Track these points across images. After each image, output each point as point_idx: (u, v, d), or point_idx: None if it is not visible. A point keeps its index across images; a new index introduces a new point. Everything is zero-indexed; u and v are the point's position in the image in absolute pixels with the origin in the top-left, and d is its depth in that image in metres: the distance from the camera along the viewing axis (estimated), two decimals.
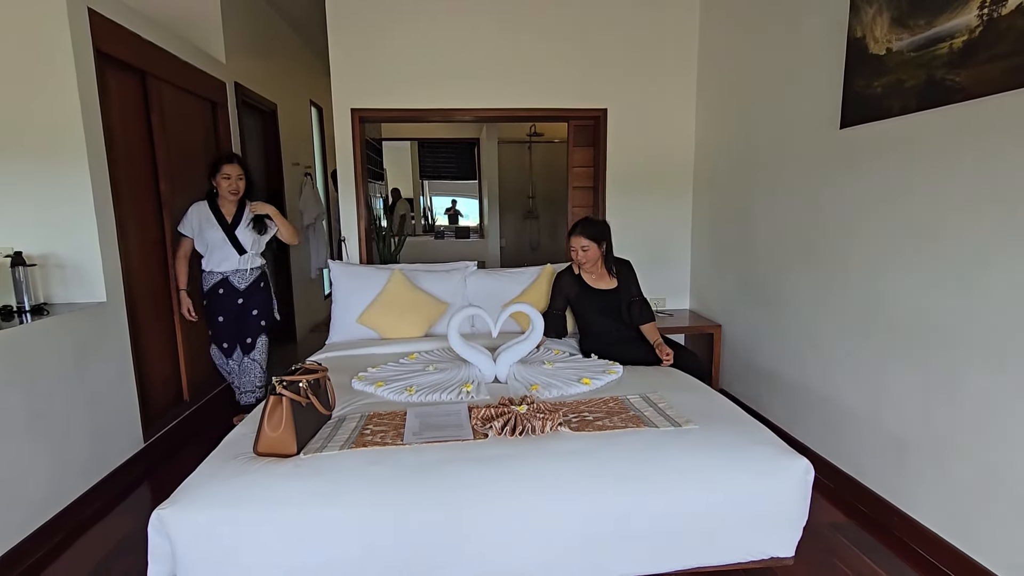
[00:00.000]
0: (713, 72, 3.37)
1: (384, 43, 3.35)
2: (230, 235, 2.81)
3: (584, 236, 2.56)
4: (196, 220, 2.81)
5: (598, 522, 1.52)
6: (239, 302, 2.88)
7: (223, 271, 2.85)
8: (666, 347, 2.49)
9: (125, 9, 2.58)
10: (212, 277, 2.86)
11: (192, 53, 3.20)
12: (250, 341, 2.93)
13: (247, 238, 2.86)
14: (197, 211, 2.82)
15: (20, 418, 1.93)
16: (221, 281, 2.86)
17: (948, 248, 1.80)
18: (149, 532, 1.43)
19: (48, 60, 2.18)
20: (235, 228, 2.84)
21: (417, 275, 3.05)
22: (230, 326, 2.91)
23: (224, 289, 2.86)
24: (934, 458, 1.90)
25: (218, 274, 2.85)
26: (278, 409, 1.59)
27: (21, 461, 1.93)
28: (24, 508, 1.95)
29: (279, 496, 1.45)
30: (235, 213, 2.85)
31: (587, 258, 2.58)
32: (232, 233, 2.82)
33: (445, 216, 7.66)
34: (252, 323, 2.92)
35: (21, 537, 1.93)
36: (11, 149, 2.22)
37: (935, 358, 1.88)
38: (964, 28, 1.68)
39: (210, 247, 2.83)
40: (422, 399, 2.03)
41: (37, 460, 2.01)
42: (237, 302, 2.88)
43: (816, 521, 2.11)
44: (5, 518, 1.87)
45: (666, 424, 1.76)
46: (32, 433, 1.99)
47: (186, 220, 2.82)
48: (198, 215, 2.81)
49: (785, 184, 2.66)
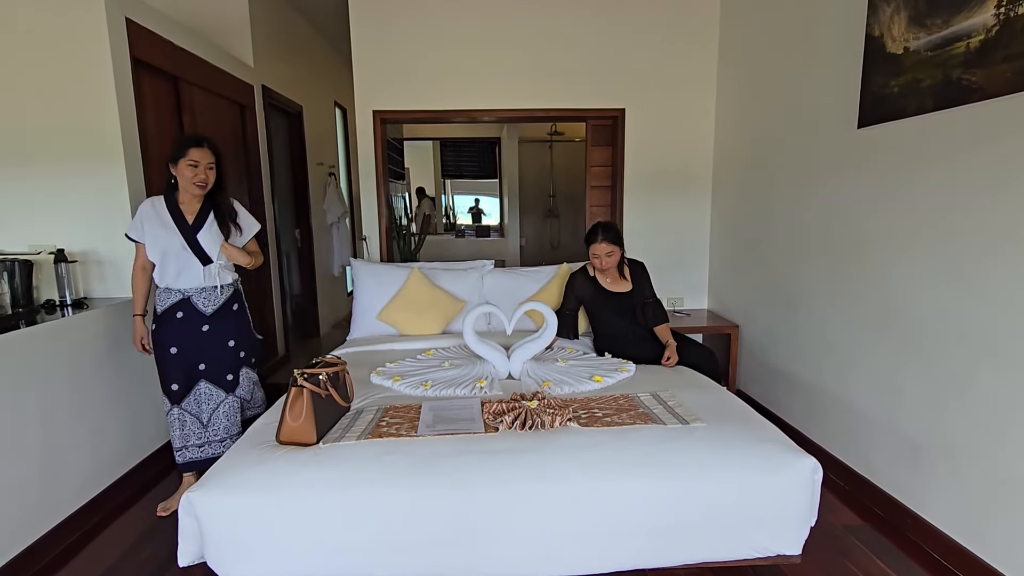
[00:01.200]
0: (732, 71, 3.36)
1: (406, 46, 3.43)
2: (190, 240, 2.17)
3: (607, 241, 2.56)
4: (147, 220, 2.16)
5: (604, 514, 1.56)
6: (203, 329, 2.22)
7: (183, 288, 2.20)
8: (673, 352, 2.49)
9: (160, 18, 2.70)
10: (169, 296, 2.19)
11: (222, 58, 3.32)
12: (231, 378, 2.30)
13: (213, 244, 2.20)
14: (149, 209, 2.17)
15: (64, 403, 2.07)
16: (181, 302, 2.19)
17: (964, 250, 1.79)
18: (179, 513, 1.53)
19: (89, 68, 2.31)
20: (197, 231, 2.18)
21: (435, 273, 3.12)
22: (184, 360, 2.20)
23: (184, 312, 2.19)
24: (947, 460, 1.88)
25: (176, 292, 2.19)
26: (299, 400, 1.67)
27: (64, 445, 2.06)
28: (68, 488, 2.08)
29: (299, 482, 1.53)
30: (198, 212, 2.21)
31: (610, 263, 2.59)
32: (193, 237, 2.17)
33: (468, 215, 7.74)
34: (229, 357, 2.29)
35: (66, 515, 2.07)
36: (55, 152, 2.36)
37: (949, 360, 1.86)
38: (981, 27, 1.66)
39: (165, 256, 2.16)
40: (437, 393, 2.09)
41: (79, 444, 2.14)
42: (201, 329, 2.21)
43: (829, 522, 2.11)
44: (53, 496, 2.02)
45: (674, 421, 1.79)
46: (76, 418, 2.12)
47: (135, 220, 2.18)
48: (150, 214, 2.16)
49: (803, 184, 2.65)
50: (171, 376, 2.21)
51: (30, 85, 2.30)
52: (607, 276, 2.68)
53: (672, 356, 2.47)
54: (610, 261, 2.59)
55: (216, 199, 2.24)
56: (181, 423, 2.24)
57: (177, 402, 2.22)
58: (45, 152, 2.36)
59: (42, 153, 2.36)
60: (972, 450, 1.79)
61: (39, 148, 2.36)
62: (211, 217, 2.22)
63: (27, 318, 2.08)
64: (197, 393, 2.25)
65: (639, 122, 3.56)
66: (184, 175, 2.13)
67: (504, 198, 6.94)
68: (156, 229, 2.15)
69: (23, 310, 2.14)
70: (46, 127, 2.34)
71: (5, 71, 2.29)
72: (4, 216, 2.37)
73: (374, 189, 3.59)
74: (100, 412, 2.26)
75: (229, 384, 2.31)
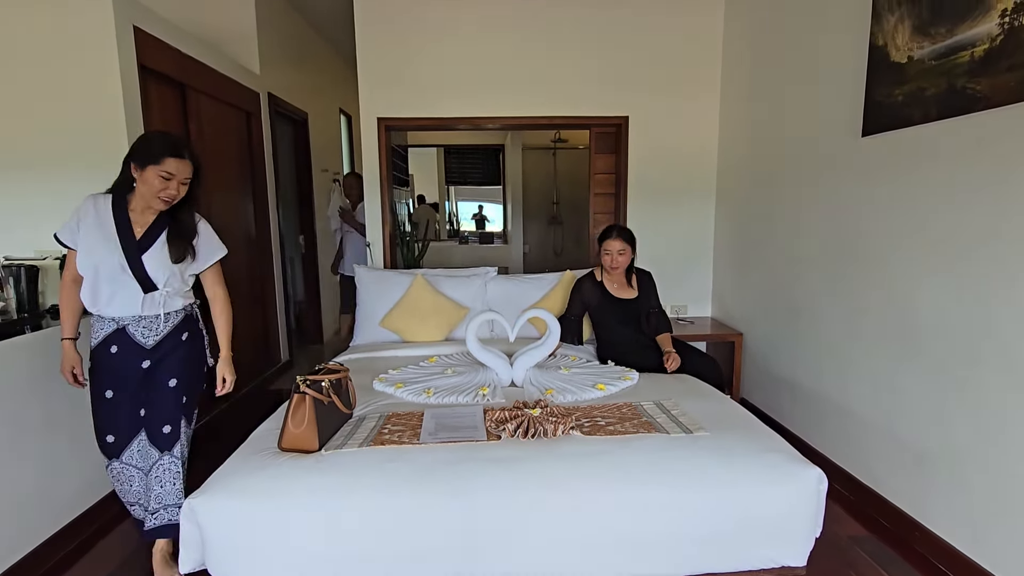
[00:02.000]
0: (736, 79, 3.37)
1: (410, 54, 3.45)
2: (133, 260, 1.71)
3: (622, 239, 2.59)
4: (85, 223, 1.72)
5: (606, 524, 1.55)
6: (143, 366, 1.78)
7: (116, 316, 1.75)
8: (674, 358, 2.49)
9: (167, 26, 2.73)
10: (101, 325, 1.77)
11: (228, 65, 3.35)
12: (168, 431, 1.79)
13: (160, 267, 1.75)
14: (91, 209, 1.73)
15: (64, 409, 2.06)
16: (115, 333, 1.76)
17: (967, 257, 1.78)
18: (181, 520, 1.53)
19: (96, 75, 2.34)
20: (144, 250, 1.74)
21: (439, 280, 3.12)
22: (123, 406, 1.79)
23: (119, 346, 1.76)
24: (952, 470, 1.87)
25: (109, 321, 1.76)
26: (301, 407, 1.67)
27: (64, 452, 2.06)
28: (67, 496, 2.08)
29: (301, 489, 1.52)
30: (150, 226, 1.76)
31: (622, 262, 2.60)
32: (138, 257, 1.72)
33: (472, 221, 7.76)
34: (166, 400, 1.80)
35: (65, 523, 2.06)
36: (62, 158, 2.38)
37: (953, 369, 1.85)
38: (985, 36, 1.66)
39: (98, 274, 1.71)
40: (439, 401, 2.09)
41: (80, 451, 2.14)
42: (140, 366, 1.77)
43: (835, 533, 2.09)
44: (52, 504, 2.02)
45: (678, 430, 1.78)
46: (77, 424, 2.12)
47: (71, 220, 1.73)
48: (91, 216, 1.72)
49: (807, 192, 2.65)
50: (106, 425, 1.80)
51: (38, 91, 2.33)
52: (614, 281, 2.68)
53: (674, 361, 2.46)
54: (622, 260, 2.59)
55: (177, 215, 1.80)
56: (126, 479, 1.83)
57: (115, 455, 1.81)
58: (52, 158, 2.38)
59: (49, 159, 2.38)
60: (976, 459, 1.77)
61: (46, 154, 2.38)
62: (164, 235, 1.76)
63: (32, 323, 2.08)
64: (140, 444, 1.81)
65: (643, 130, 3.57)
66: (150, 184, 1.70)
67: (508, 205, 6.95)
68: (93, 237, 1.69)
69: (28, 315, 2.15)
70: (53, 133, 2.37)
71: (14, 77, 2.31)
72: (10, 221, 2.39)
73: (378, 196, 3.61)
74: None
75: (164, 439, 1.79)
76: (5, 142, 2.37)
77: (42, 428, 1.97)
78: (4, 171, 2.38)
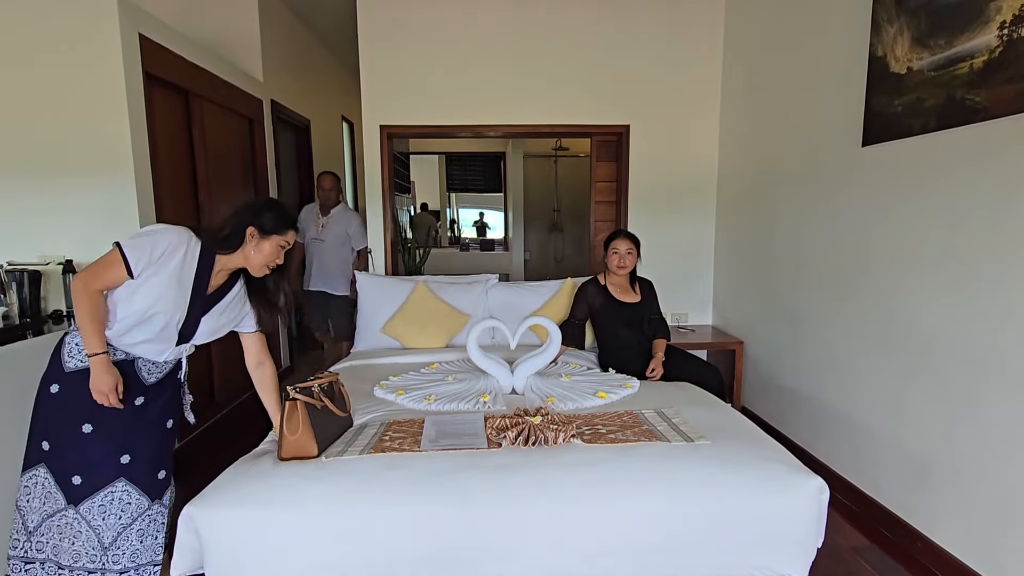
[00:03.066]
0: (736, 89, 3.39)
1: (413, 62, 3.47)
2: (191, 319, 1.60)
3: (629, 240, 2.64)
4: (168, 261, 1.51)
5: (607, 532, 1.54)
6: (135, 403, 1.60)
7: (132, 353, 1.60)
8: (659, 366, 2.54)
9: (172, 33, 2.75)
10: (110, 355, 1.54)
11: (232, 73, 3.37)
12: (163, 476, 1.66)
13: (213, 330, 1.67)
14: (181, 250, 1.53)
15: None
16: (119, 363, 1.58)
17: (968, 267, 1.78)
18: (178, 527, 1.52)
19: (101, 81, 2.35)
20: (207, 310, 1.63)
21: (440, 287, 3.12)
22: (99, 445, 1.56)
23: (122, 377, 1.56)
24: (955, 481, 1.86)
25: (120, 351, 1.59)
26: (295, 413, 1.66)
27: None
28: None
29: (301, 497, 1.52)
30: (220, 287, 1.65)
31: (628, 263, 2.63)
32: (198, 318, 1.61)
33: (473, 228, 7.78)
34: (162, 441, 1.68)
35: None
36: (66, 163, 2.39)
37: (955, 378, 1.85)
38: (984, 48, 1.67)
39: (145, 320, 1.53)
40: (440, 408, 2.08)
41: None
42: (132, 402, 1.60)
43: (836, 543, 2.08)
44: None
45: (679, 439, 1.77)
46: None
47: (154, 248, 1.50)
48: (178, 257, 1.53)
49: (808, 201, 2.66)
50: (72, 466, 1.54)
51: (43, 97, 2.35)
52: (618, 286, 2.70)
53: (657, 368, 2.50)
54: (629, 260, 2.62)
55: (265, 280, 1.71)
56: (70, 535, 1.54)
57: (75, 503, 1.55)
58: (56, 163, 2.39)
59: (53, 164, 2.39)
60: (981, 470, 1.77)
61: (50, 159, 2.39)
62: (232, 295, 1.67)
63: (34, 328, 2.09)
64: (109, 496, 1.56)
65: (644, 138, 3.59)
66: (265, 254, 1.61)
67: (509, 212, 6.97)
68: (166, 283, 1.51)
69: (30, 320, 2.15)
70: (58, 139, 2.38)
71: (19, 83, 2.33)
72: (14, 226, 2.40)
73: (380, 202, 3.62)
74: None
75: (157, 486, 1.64)
76: (10, 148, 2.38)
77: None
78: (9, 176, 2.39)
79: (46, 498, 1.56)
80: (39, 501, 1.56)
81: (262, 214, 1.61)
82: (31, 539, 1.57)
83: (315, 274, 3.75)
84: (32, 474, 1.57)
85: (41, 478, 1.56)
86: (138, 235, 1.52)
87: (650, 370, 2.50)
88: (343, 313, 3.78)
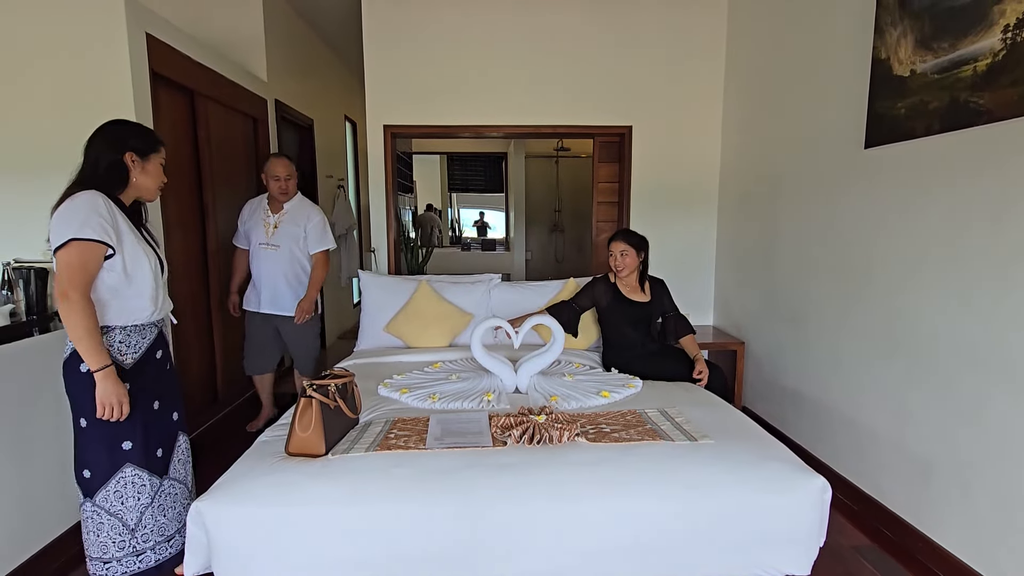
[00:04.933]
0: (739, 90, 3.40)
1: (417, 63, 3.48)
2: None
3: (624, 241, 2.64)
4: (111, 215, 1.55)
5: (611, 530, 1.55)
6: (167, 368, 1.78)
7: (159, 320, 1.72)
8: (703, 365, 2.51)
9: (178, 33, 2.76)
10: (143, 333, 1.66)
11: (237, 72, 3.38)
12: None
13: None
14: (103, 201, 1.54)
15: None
16: (158, 337, 1.72)
17: (972, 270, 1.80)
18: (187, 523, 1.53)
19: (109, 80, 2.36)
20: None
21: (443, 286, 3.13)
22: (166, 413, 1.76)
23: (162, 350, 1.74)
24: (958, 482, 1.87)
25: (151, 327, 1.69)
26: (308, 411, 1.68)
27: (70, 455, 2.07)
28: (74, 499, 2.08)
29: (308, 494, 1.53)
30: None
31: (624, 264, 2.63)
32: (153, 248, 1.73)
33: (473, 228, 7.79)
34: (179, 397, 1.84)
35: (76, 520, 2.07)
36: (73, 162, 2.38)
37: (959, 380, 1.86)
38: (988, 51, 1.69)
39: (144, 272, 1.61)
40: (444, 406, 2.09)
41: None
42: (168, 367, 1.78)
43: (838, 543, 2.09)
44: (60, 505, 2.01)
45: (682, 438, 1.78)
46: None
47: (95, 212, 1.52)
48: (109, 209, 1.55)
49: (810, 203, 2.67)
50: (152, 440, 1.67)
51: (50, 96, 2.36)
52: (627, 285, 2.71)
53: (703, 371, 2.48)
54: (624, 262, 2.63)
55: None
56: (171, 501, 1.72)
57: (164, 472, 1.72)
58: (63, 162, 2.37)
59: (60, 162, 2.37)
60: (985, 472, 1.78)
61: (57, 157, 2.37)
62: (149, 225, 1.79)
63: (40, 326, 2.10)
64: (181, 451, 1.80)
65: (646, 139, 3.60)
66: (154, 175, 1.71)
67: (510, 212, 6.99)
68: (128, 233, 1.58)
69: (37, 317, 2.16)
70: (64, 137, 2.36)
71: (26, 81, 2.34)
72: (20, 224, 2.40)
73: (383, 202, 3.63)
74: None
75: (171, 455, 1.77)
76: (16, 146, 2.39)
77: (51, 429, 1.97)
78: (15, 174, 2.40)
79: (140, 490, 1.65)
80: (133, 499, 1.64)
81: (127, 139, 1.62)
82: (135, 535, 1.66)
83: (263, 290, 2.87)
84: (119, 477, 1.62)
85: (128, 475, 1.63)
86: (71, 217, 1.48)
87: (697, 372, 2.48)
88: (303, 338, 2.96)
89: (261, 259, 2.87)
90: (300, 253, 2.89)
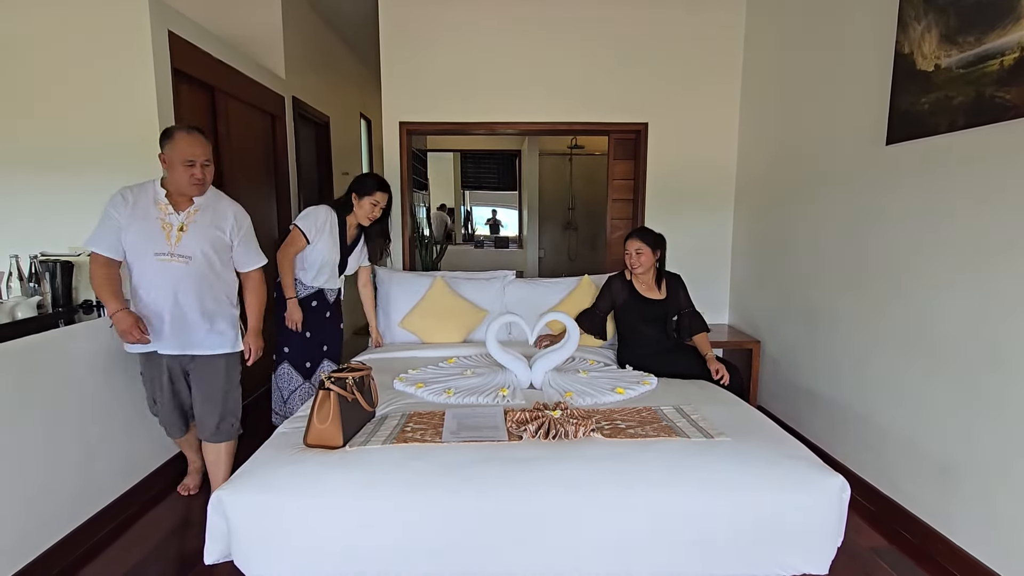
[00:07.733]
0: (757, 87, 3.37)
1: (432, 60, 3.50)
2: (343, 257, 2.71)
3: (640, 239, 2.64)
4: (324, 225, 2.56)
5: (626, 526, 1.55)
6: (325, 315, 2.72)
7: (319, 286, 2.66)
8: (718, 363, 2.49)
9: (199, 31, 2.80)
10: (305, 291, 2.64)
11: (255, 70, 3.42)
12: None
13: (353, 263, 2.81)
14: (329, 216, 2.59)
15: (97, 401, 2.12)
16: (316, 293, 2.66)
17: (993, 267, 1.77)
18: (208, 512, 1.56)
19: (132, 77, 2.40)
20: (351, 251, 2.75)
21: (458, 282, 3.15)
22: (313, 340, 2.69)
23: (317, 301, 2.67)
24: (978, 483, 1.84)
25: (310, 287, 2.64)
26: (326, 403, 1.70)
27: (97, 442, 2.11)
28: (100, 483, 2.13)
29: (326, 485, 1.55)
30: (356, 237, 2.76)
31: (640, 262, 2.63)
32: (346, 256, 2.72)
33: (486, 226, 7.81)
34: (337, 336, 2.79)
35: (101, 507, 2.12)
36: (96, 156, 2.44)
37: (979, 380, 1.83)
38: (1015, 45, 1.65)
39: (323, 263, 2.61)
40: (460, 401, 2.10)
41: (112, 441, 2.19)
42: (324, 315, 2.71)
43: (855, 544, 2.07)
44: (87, 491, 2.07)
45: (698, 435, 1.78)
46: (108, 416, 2.17)
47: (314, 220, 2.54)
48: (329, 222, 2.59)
49: (829, 200, 2.64)
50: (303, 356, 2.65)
51: (74, 92, 2.40)
52: (642, 283, 2.70)
53: (721, 370, 2.46)
54: (639, 260, 2.62)
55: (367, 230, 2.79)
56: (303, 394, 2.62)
57: (308, 377, 2.66)
58: (87, 157, 2.44)
59: (84, 158, 2.44)
60: (1004, 471, 1.75)
61: (81, 153, 2.44)
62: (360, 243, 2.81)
63: (66, 318, 2.14)
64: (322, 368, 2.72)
65: (662, 136, 3.58)
66: (365, 209, 2.63)
67: (523, 210, 6.99)
68: (327, 239, 2.59)
69: (63, 310, 2.21)
70: (89, 132, 2.43)
71: (51, 78, 2.39)
72: (47, 218, 2.46)
73: (398, 198, 3.65)
74: (132, 410, 2.30)
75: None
76: (42, 142, 2.44)
77: (76, 416, 2.03)
78: (41, 170, 2.45)
79: (290, 378, 2.62)
80: (286, 381, 2.62)
81: (356, 184, 2.66)
82: (286, 405, 2.62)
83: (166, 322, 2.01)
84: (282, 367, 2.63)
85: (284, 369, 2.62)
86: (304, 216, 2.56)
87: (715, 372, 2.46)
88: (219, 382, 2.12)
89: (160, 276, 1.99)
90: (222, 267, 2.09)
